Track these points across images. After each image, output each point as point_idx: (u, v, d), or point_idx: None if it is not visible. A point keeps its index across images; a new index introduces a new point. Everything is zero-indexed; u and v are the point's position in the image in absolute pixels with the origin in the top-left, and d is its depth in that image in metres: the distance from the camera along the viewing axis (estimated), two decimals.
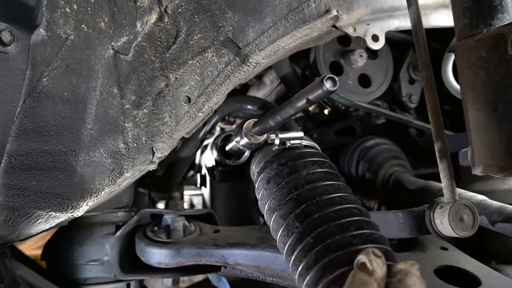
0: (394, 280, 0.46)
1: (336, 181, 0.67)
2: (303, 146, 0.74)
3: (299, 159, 0.70)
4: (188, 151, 1.28)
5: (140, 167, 0.80)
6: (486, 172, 0.66)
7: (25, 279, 0.97)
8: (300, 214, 0.62)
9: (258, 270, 0.93)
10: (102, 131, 0.76)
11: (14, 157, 0.68)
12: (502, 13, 0.65)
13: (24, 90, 0.68)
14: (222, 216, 1.49)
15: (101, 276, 1.10)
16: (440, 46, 1.31)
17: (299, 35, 0.91)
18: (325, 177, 0.67)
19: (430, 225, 0.70)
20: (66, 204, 0.72)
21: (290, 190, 0.66)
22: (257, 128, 0.94)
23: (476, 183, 1.20)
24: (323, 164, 0.71)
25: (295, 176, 0.67)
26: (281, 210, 0.65)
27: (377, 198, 1.61)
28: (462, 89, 0.70)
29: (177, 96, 0.83)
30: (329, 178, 0.67)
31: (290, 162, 0.70)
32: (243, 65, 0.86)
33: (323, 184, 0.65)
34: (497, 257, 1.13)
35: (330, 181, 0.66)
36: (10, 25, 0.66)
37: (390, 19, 1.05)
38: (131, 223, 1.01)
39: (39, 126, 0.70)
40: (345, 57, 1.26)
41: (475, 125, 0.67)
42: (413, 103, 1.40)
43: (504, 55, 0.62)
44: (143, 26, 0.79)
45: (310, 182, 0.65)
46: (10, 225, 0.69)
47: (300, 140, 0.74)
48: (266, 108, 1.13)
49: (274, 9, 0.86)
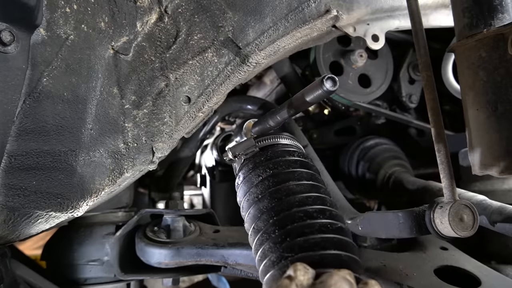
0: (317, 282, 0.49)
1: (288, 181, 0.68)
2: (258, 151, 0.75)
3: (254, 170, 0.73)
4: (188, 151, 1.29)
5: (140, 167, 0.80)
6: (486, 172, 0.66)
7: (25, 279, 0.97)
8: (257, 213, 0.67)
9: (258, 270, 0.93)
10: (102, 131, 0.76)
11: (14, 157, 0.68)
12: (502, 13, 0.65)
13: (24, 90, 0.68)
14: (222, 216, 1.49)
15: (101, 276, 1.10)
16: (440, 46, 1.31)
17: (299, 35, 0.91)
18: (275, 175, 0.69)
19: (430, 225, 0.70)
20: (66, 204, 0.72)
21: (246, 196, 0.71)
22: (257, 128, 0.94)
23: (476, 183, 1.20)
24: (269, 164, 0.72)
25: (249, 183, 0.72)
26: (248, 213, 0.70)
27: (377, 198, 1.61)
28: (462, 89, 0.70)
29: (177, 96, 0.83)
30: (280, 180, 0.68)
31: (244, 176, 0.74)
32: (243, 65, 0.86)
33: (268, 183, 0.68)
34: (497, 257, 1.13)
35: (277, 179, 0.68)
36: (10, 25, 0.66)
37: (390, 19, 1.05)
38: (131, 223, 1.01)
39: (39, 126, 0.70)
40: (345, 57, 1.26)
41: (475, 125, 0.67)
42: (413, 103, 1.40)
43: (504, 55, 0.62)
44: (143, 26, 0.79)
45: (257, 186, 0.70)
46: (10, 225, 0.69)
47: (252, 148, 0.75)
48: (266, 108, 1.13)
49: (274, 9, 0.86)
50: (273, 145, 0.75)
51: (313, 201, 0.65)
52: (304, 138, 1.08)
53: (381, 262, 0.86)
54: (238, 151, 0.76)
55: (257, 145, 0.74)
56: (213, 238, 0.99)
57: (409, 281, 0.77)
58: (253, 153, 0.74)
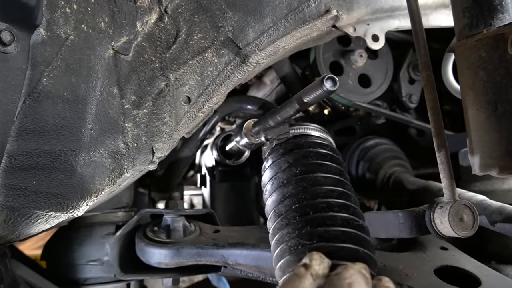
0: (332, 274, 0.49)
1: (316, 172, 0.69)
2: (291, 138, 0.76)
3: (283, 155, 0.74)
4: (188, 151, 1.29)
5: (140, 167, 0.80)
6: (486, 172, 0.66)
7: (25, 279, 0.97)
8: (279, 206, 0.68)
9: (258, 270, 0.93)
10: (102, 131, 0.76)
11: (14, 157, 0.68)
12: (502, 13, 0.65)
13: (24, 90, 0.68)
14: (222, 216, 1.49)
15: (101, 276, 1.10)
16: (440, 46, 1.31)
17: (299, 35, 0.91)
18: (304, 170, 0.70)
19: (430, 225, 0.70)
20: (66, 204, 0.72)
21: (277, 185, 0.71)
22: (257, 128, 0.94)
23: (476, 183, 1.20)
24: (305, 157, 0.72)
25: (284, 169, 0.72)
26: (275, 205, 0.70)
27: (377, 198, 1.61)
28: (462, 89, 0.70)
29: (177, 96, 0.83)
30: (308, 170, 0.69)
31: (277, 159, 0.74)
32: (243, 65, 0.86)
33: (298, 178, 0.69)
34: (497, 257, 1.13)
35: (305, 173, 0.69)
36: (10, 25, 0.66)
37: (390, 19, 1.05)
38: (131, 223, 1.01)
39: (39, 126, 0.70)
40: (345, 57, 1.26)
41: (475, 125, 0.67)
42: (413, 103, 1.40)
43: (504, 55, 0.62)
44: (143, 26, 0.79)
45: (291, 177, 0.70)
46: (10, 225, 0.69)
47: (286, 134, 0.76)
48: (266, 108, 1.13)
49: (274, 9, 0.86)
50: (306, 135, 0.76)
51: (338, 195, 0.65)
52: None
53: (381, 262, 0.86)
54: (271, 135, 0.77)
55: (290, 132, 0.75)
56: (213, 238, 0.99)
57: (409, 281, 0.77)
58: (286, 139, 0.75)
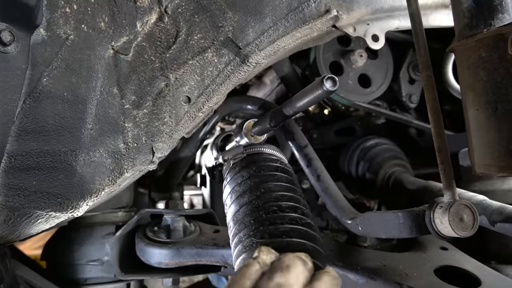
0: (275, 260, 0.55)
1: (268, 181, 0.78)
2: (245, 156, 0.87)
3: (240, 171, 0.84)
4: (188, 151, 1.29)
5: (140, 167, 0.80)
6: (486, 172, 0.66)
7: (25, 279, 0.97)
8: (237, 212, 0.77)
9: None
10: (102, 131, 0.76)
11: (14, 157, 0.68)
12: (502, 13, 0.65)
13: (24, 90, 0.68)
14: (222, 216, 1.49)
15: (101, 276, 1.10)
16: (440, 46, 1.31)
17: (299, 35, 0.91)
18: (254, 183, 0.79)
19: (430, 225, 0.70)
20: (66, 204, 0.72)
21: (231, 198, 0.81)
22: (257, 128, 0.94)
23: (476, 183, 1.20)
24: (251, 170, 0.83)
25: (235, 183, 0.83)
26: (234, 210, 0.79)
27: (377, 198, 1.61)
28: (462, 89, 0.70)
29: (177, 96, 0.83)
30: (262, 181, 0.79)
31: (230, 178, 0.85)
32: (243, 65, 0.86)
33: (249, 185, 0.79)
34: (497, 257, 1.13)
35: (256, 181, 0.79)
36: (10, 25, 0.66)
37: (390, 19, 1.05)
38: (131, 223, 1.01)
39: (39, 126, 0.70)
40: (345, 57, 1.26)
41: (475, 125, 0.67)
42: (413, 103, 1.40)
43: (504, 55, 0.62)
44: (143, 26, 0.79)
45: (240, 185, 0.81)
46: (10, 225, 0.69)
47: (240, 154, 0.88)
48: (266, 108, 1.13)
49: (274, 9, 0.86)
50: (259, 153, 0.87)
51: (288, 199, 0.74)
52: (304, 138, 1.08)
53: (381, 262, 0.86)
54: (227, 156, 0.88)
55: (244, 152, 0.87)
56: (213, 238, 0.99)
57: (409, 281, 0.77)
58: (241, 159, 0.86)
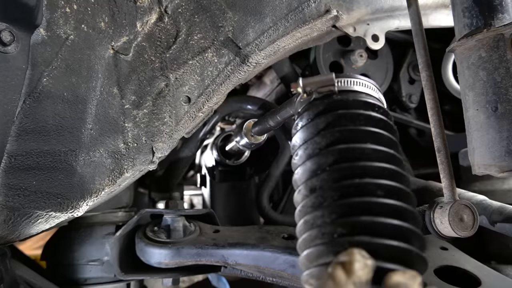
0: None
1: (365, 142, 0.54)
2: (336, 92, 0.59)
3: (324, 114, 0.57)
4: (188, 151, 1.28)
5: (140, 167, 0.80)
6: (486, 172, 0.66)
7: (25, 279, 0.96)
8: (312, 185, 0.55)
9: (258, 270, 0.93)
10: (102, 131, 0.76)
11: (14, 157, 0.68)
12: (502, 13, 0.65)
13: (24, 90, 0.68)
14: (222, 216, 1.49)
15: (101, 276, 1.10)
16: (440, 46, 1.31)
17: (299, 35, 0.91)
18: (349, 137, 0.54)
19: (430, 225, 0.70)
20: (66, 204, 0.72)
21: (308, 155, 0.56)
22: (257, 128, 0.94)
23: (476, 183, 1.20)
24: (352, 118, 0.56)
25: (315, 138, 0.56)
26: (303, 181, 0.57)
27: None
28: (462, 89, 0.70)
29: (177, 96, 0.83)
30: (354, 139, 0.54)
31: (312, 121, 0.58)
32: (243, 65, 0.86)
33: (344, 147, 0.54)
34: (497, 257, 1.13)
35: (355, 142, 0.54)
36: (10, 25, 0.66)
37: (390, 19, 1.05)
38: (131, 223, 1.01)
39: (39, 126, 0.70)
40: (345, 57, 1.26)
41: (475, 125, 0.67)
42: (413, 103, 1.40)
43: (504, 55, 0.62)
44: (143, 26, 0.79)
45: (330, 145, 0.54)
46: (10, 225, 0.69)
47: (330, 86, 0.58)
48: (266, 108, 1.13)
49: (274, 9, 0.86)
50: (355, 91, 0.60)
51: (391, 176, 0.52)
52: None
53: None
54: (310, 86, 0.58)
55: (336, 85, 0.58)
56: (213, 238, 0.99)
57: None
58: (328, 94, 0.58)
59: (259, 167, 1.53)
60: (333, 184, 0.51)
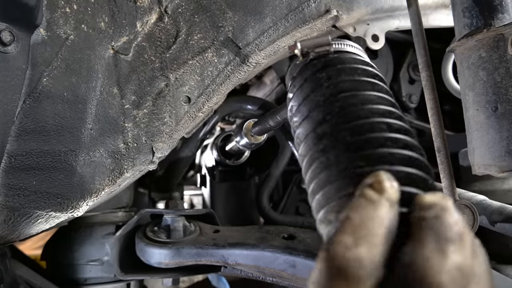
0: (429, 215, 0.36)
1: (367, 90, 0.55)
2: (332, 52, 0.61)
3: (324, 70, 0.58)
4: (188, 151, 1.28)
5: (140, 167, 0.80)
6: (486, 172, 0.66)
7: (25, 279, 0.97)
8: (317, 134, 0.55)
9: (258, 270, 0.93)
10: (102, 131, 0.77)
11: (14, 157, 0.68)
12: (502, 13, 0.65)
13: (24, 90, 0.68)
14: (222, 216, 1.49)
15: (101, 276, 1.10)
16: (440, 46, 1.31)
17: (299, 35, 0.91)
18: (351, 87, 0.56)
19: None
20: (66, 204, 0.72)
21: (310, 108, 0.57)
22: (257, 128, 0.94)
23: (476, 183, 1.20)
24: (351, 72, 0.58)
25: (315, 92, 0.57)
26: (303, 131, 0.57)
27: None
28: (462, 89, 0.70)
29: (177, 96, 0.83)
30: (357, 87, 0.55)
31: (311, 76, 0.59)
32: (243, 65, 0.86)
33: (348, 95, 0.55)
34: (497, 257, 1.13)
35: (356, 91, 0.55)
36: (10, 25, 0.66)
37: (390, 19, 1.05)
38: (131, 223, 1.01)
39: (39, 126, 0.70)
40: None
41: (475, 125, 0.67)
42: (413, 103, 1.40)
43: (504, 55, 0.62)
44: (143, 26, 0.79)
45: (332, 95, 0.55)
46: (10, 225, 0.69)
47: (326, 47, 0.60)
48: (266, 108, 1.13)
49: (274, 9, 0.86)
50: (350, 52, 0.62)
51: (397, 117, 0.52)
52: None
53: None
54: (307, 47, 0.60)
55: (332, 45, 0.60)
56: (213, 238, 0.99)
57: None
58: (324, 54, 0.60)
59: (259, 167, 1.53)
60: (344, 125, 0.51)
